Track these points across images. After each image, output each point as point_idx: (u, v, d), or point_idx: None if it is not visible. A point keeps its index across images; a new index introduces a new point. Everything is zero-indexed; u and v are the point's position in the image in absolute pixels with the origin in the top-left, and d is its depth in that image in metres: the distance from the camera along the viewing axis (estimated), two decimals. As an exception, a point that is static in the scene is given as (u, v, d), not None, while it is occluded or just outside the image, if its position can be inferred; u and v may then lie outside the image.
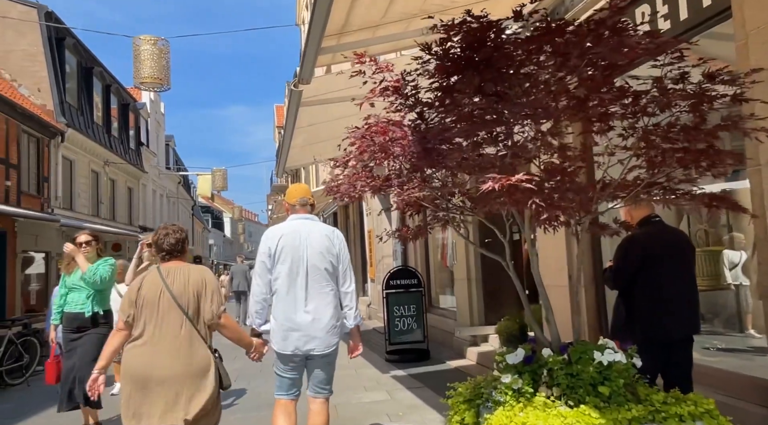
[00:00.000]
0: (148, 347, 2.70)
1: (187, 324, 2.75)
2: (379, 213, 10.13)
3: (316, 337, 3.05)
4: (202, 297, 2.80)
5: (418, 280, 7.78)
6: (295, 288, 3.08)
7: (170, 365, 2.66)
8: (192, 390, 2.69)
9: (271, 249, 3.12)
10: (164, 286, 2.76)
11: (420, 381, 5.98)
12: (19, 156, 13.22)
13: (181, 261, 2.95)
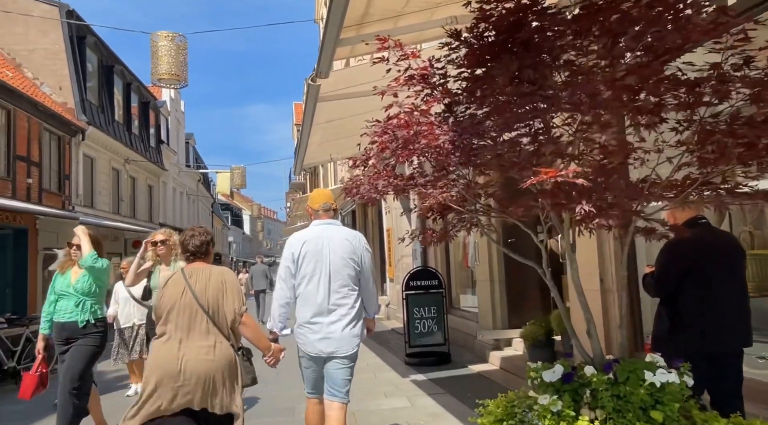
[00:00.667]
0: (171, 344, 2.80)
1: (209, 323, 2.83)
2: (401, 214, 9.91)
3: (334, 339, 3.12)
4: (224, 298, 2.88)
5: (439, 281, 7.55)
6: (318, 292, 3.14)
7: (192, 362, 2.74)
8: (212, 387, 2.76)
9: (294, 255, 3.18)
10: (187, 286, 2.86)
11: (441, 387, 5.76)
12: (40, 154, 13.33)
13: (204, 262, 3.06)
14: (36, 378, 4.16)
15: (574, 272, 2.60)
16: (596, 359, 2.33)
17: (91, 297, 4.22)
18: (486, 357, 6.95)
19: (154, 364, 2.79)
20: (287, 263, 3.21)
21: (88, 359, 4.18)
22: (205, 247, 3.06)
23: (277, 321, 3.23)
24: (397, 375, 6.58)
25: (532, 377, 2.30)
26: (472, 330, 7.90)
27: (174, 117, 27.55)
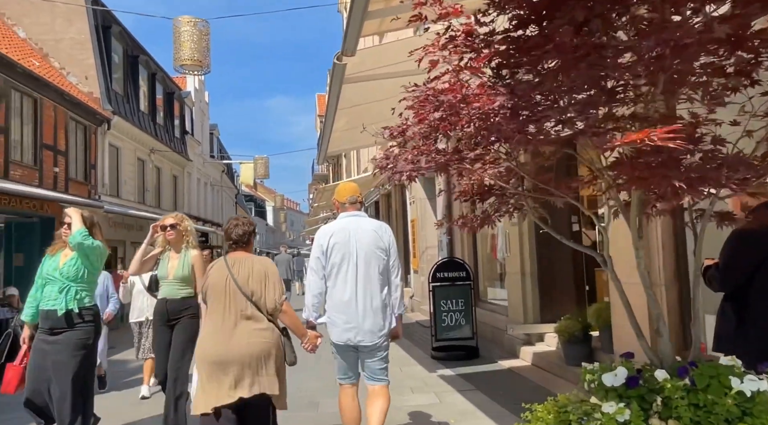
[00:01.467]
0: (217, 330, 2.96)
1: (252, 309, 2.98)
2: (439, 192, 9.54)
3: (366, 330, 3.20)
4: (265, 287, 3.03)
5: (467, 273, 7.27)
6: (347, 282, 3.22)
7: (237, 347, 2.89)
8: (260, 370, 2.92)
9: (323, 247, 3.27)
10: (230, 275, 2.99)
11: (471, 383, 5.49)
12: (67, 143, 13.40)
13: (246, 251, 3.19)
14: (20, 370, 3.75)
15: (641, 262, 2.28)
16: (667, 361, 2.03)
17: (78, 282, 3.66)
18: (516, 353, 6.65)
19: (203, 351, 2.97)
20: (317, 255, 3.30)
21: (77, 357, 3.57)
22: (246, 237, 3.19)
23: (311, 310, 3.32)
24: (424, 369, 6.34)
25: (587, 379, 2.02)
26: (501, 324, 7.60)
27: (198, 107, 27.65)
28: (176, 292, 4.23)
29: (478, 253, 9.28)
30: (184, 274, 4.20)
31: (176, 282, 4.22)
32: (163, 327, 4.27)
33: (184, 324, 4.21)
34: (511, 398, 4.86)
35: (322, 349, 3.38)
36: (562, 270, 6.77)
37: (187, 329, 4.18)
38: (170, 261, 4.25)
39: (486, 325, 7.75)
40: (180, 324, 4.21)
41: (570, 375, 5.28)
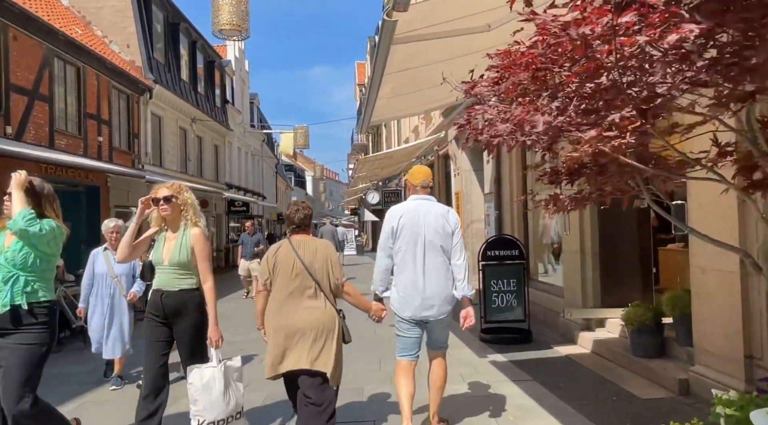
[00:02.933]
0: (284, 307, 3.24)
1: (315, 288, 3.25)
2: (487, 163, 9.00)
3: (432, 306, 3.43)
4: (327, 267, 3.30)
5: (520, 251, 6.79)
6: (415, 262, 3.44)
7: (302, 322, 3.20)
8: (320, 343, 3.20)
9: (393, 227, 3.50)
10: (296, 256, 3.27)
11: (526, 372, 5.09)
12: (110, 112, 13.41)
13: (306, 234, 3.44)
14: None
15: None
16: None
17: (27, 272, 2.99)
18: (573, 338, 6.19)
19: (274, 325, 3.26)
20: (387, 235, 3.53)
21: (26, 366, 2.90)
22: (307, 220, 3.46)
23: (378, 284, 3.61)
24: (473, 353, 5.97)
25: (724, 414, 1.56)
26: (555, 306, 7.13)
27: (239, 76, 27.51)
28: (173, 282, 3.41)
29: (530, 229, 8.75)
30: (182, 259, 3.36)
31: (173, 269, 3.39)
32: (156, 326, 3.42)
33: (186, 327, 3.41)
34: (574, 391, 4.44)
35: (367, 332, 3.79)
36: (627, 250, 6.20)
37: (189, 334, 3.42)
38: (166, 242, 3.43)
39: (537, 306, 7.29)
40: (180, 326, 3.41)
41: (638, 368, 4.81)
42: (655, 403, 4.11)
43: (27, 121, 10.19)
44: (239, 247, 11.50)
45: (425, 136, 16.04)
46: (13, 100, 9.80)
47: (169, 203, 3.40)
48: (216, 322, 3.43)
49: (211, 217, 21.35)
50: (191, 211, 3.49)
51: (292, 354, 3.19)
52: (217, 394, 3.32)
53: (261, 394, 4.66)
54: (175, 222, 3.46)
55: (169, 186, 3.50)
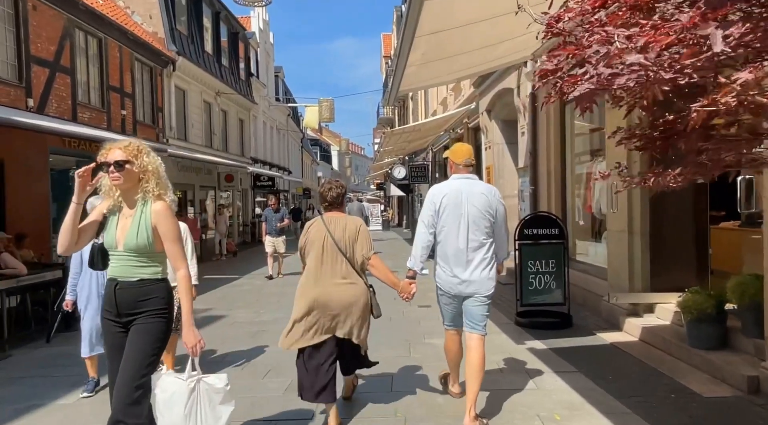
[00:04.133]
0: (315, 280, 3.36)
1: (347, 264, 3.37)
2: (521, 135, 8.41)
3: (474, 282, 3.48)
4: (357, 242, 3.42)
5: (560, 230, 6.30)
6: (458, 239, 3.49)
7: (333, 295, 3.32)
8: (350, 315, 3.35)
9: (435, 205, 3.53)
10: (327, 232, 3.40)
11: (569, 362, 4.68)
12: (133, 85, 13.19)
13: (339, 211, 3.56)
14: None
15: None
16: None
17: None
18: (618, 324, 5.73)
19: (303, 298, 3.38)
20: (429, 212, 3.56)
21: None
22: (340, 199, 3.57)
23: (417, 260, 3.59)
24: (509, 339, 5.58)
25: None
26: (597, 289, 6.65)
27: (263, 49, 27.04)
28: (130, 271, 2.58)
29: (568, 206, 8.21)
30: (140, 243, 2.54)
31: (130, 255, 2.57)
32: (113, 329, 2.63)
33: (141, 329, 2.56)
34: (625, 386, 4.03)
35: (395, 313, 3.72)
36: (680, 229, 5.67)
37: (143, 340, 2.55)
38: (120, 221, 2.60)
39: (576, 288, 6.82)
40: (137, 324, 2.57)
41: (697, 361, 4.35)
42: (720, 403, 3.67)
43: (49, 93, 10.01)
44: (263, 223, 11.20)
45: (454, 109, 15.42)
46: (34, 71, 9.61)
47: (121, 170, 2.50)
48: (191, 322, 2.61)
49: (237, 192, 21.24)
50: (153, 180, 2.61)
51: (328, 327, 3.35)
52: (177, 417, 2.58)
53: (283, 381, 4.38)
54: (132, 195, 2.60)
55: (123, 146, 2.58)
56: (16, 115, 8.38)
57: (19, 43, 9.32)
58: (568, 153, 8.19)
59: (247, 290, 9.60)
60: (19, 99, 9.24)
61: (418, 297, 7.30)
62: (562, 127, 8.21)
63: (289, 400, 3.96)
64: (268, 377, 4.53)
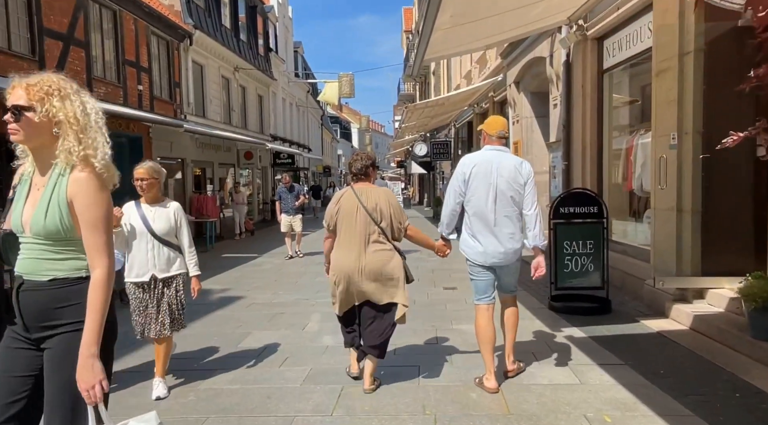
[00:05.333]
0: (348, 249, 3.48)
1: (378, 231, 3.49)
2: (554, 107, 7.82)
3: (502, 252, 3.53)
4: (389, 212, 3.53)
5: (600, 208, 5.81)
6: (486, 209, 3.52)
7: (366, 263, 3.44)
8: (385, 282, 3.48)
9: (465, 174, 3.55)
10: (359, 202, 3.51)
11: (613, 353, 4.26)
12: (149, 59, 12.87)
13: (368, 182, 3.68)
14: None
15: None
16: None
17: None
18: (663, 310, 5.27)
19: (339, 267, 3.52)
20: (458, 181, 3.59)
21: None
22: (365, 170, 3.67)
23: (445, 226, 3.73)
24: (544, 326, 5.17)
25: None
26: (638, 272, 6.18)
27: (282, 23, 26.47)
28: (38, 266, 1.82)
29: (604, 182, 7.68)
30: (49, 225, 1.78)
31: (37, 242, 1.82)
32: (13, 344, 1.85)
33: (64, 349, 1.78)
34: (681, 383, 3.60)
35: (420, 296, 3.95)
36: (736, 208, 5.15)
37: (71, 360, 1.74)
38: (31, 194, 1.86)
39: (614, 271, 6.34)
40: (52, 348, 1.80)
41: (760, 353, 3.89)
42: (794, 404, 3.22)
43: (63, 67, 9.72)
44: (278, 202, 10.82)
45: (479, 82, 14.77)
46: (47, 44, 9.33)
47: (19, 119, 1.76)
48: (93, 353, 1.73)
49: (257, 169, 21.00)
50: (73, 136, 1.80)
51: (363, 292, 3.50)
52: None
53: (302, 371, 4.06)
54: (48, 157, 1.83)
55: (26, 84, 1.80)
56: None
57: (31, 15, 9.03)
58: (605, 126, 7.62)
59: (266, 269, 9.34)
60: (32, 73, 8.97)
61: (443, 279, 7.09)
62: (599, 98, 7.63)
63: (307, 391, 3.65)
64: (285, 365, 4.22)
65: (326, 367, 4.13)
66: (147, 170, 3.65)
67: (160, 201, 3.74)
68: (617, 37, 6.99)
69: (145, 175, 3.63)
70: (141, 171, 3.63)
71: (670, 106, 5.26)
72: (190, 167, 14.88)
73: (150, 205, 3.70)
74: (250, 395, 3.61)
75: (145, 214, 3.66)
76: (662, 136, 5.40)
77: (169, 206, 3.75)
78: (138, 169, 3.64)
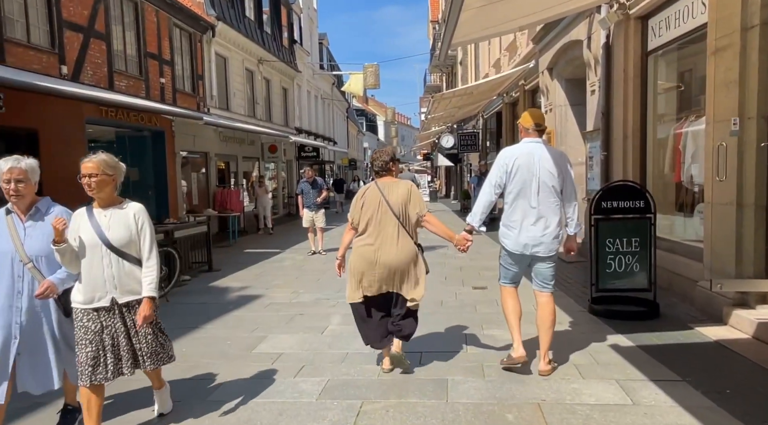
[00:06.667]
0: (371, 241, 3.66)
1: (398, 224, 3.65)
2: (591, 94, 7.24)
3: (542, 242, 3.64)
4: (409, 204, 3.69)
5: (647, 202, 5.28)
6: (527, 201, 3.64)
7: (387, 254, 3.61)
8: (404, 273, 3.65)
9: (507, 166, 3.67)
10: (382, 196, 3.69)
11: (667, 365, 3.77)
12: (171, 52, 12.69)
13: (390, 177, 3.84)
14: None
15: None
16: None
17: None
18: (721, 316, 4.73)
19: (359, 258, 3.66)
20: (499, 173, 3.66)
21: None
22: (386, 165, 3.79)
23: (477, 217, 3.74)
24: (585, 332, 4.69)
25: None
26: (688, 272, 5.63)
27: (306, 15, 26.18)
28: None
29: (648, 174, 7.09)
30: None
31: None
32: None
33: None
34: (754, 406, 3.11)
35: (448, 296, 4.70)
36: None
37: None
38: None
39: (661, 270, 5.79)
40: None
41: None
42: None
43: (83, 60, 9.59)
44: (299, 197, 10.46)
45: (509, 70, 14.15)
46: (67, 37, 9.18)
47: None
48: None
49: (282, 163, 20.80)
50: None
51: (383, 283, 3.63)
52: None
53: (319, 383, 3.70)
54: None
55: None
56: (48, 81, 8.01)
57: (50, 7, 8.87)
58: (649, 112, 7.02)
59: (287, 266, 9.04)
60: (52, 65, 8.84)
61: (472, 277, 6.78)
62: (642, 83, 7.03)
63: (323, 408, 3.28)
64: (301, 375, 3.88)
65: (345, 378, 3.77)
66: (97, 164, 2.79)
67: (117, 203, 2.91)
68: (664, 14, 6.39)
69: (93, 169, 2.78)
70: (89, 165, 2.78)
71: (729, 87, 4.69)
72: (213, 161, 14.73)
73: (104, 209, 2.86)
74: (260, 411, 3.27)
75: (99, 221, 2.83)
76: (720, 122, 4.84)
77: (127, 208, 2.91)
78: (85, 162, 2.80)
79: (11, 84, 6.91)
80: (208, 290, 7.18)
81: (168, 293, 6.64)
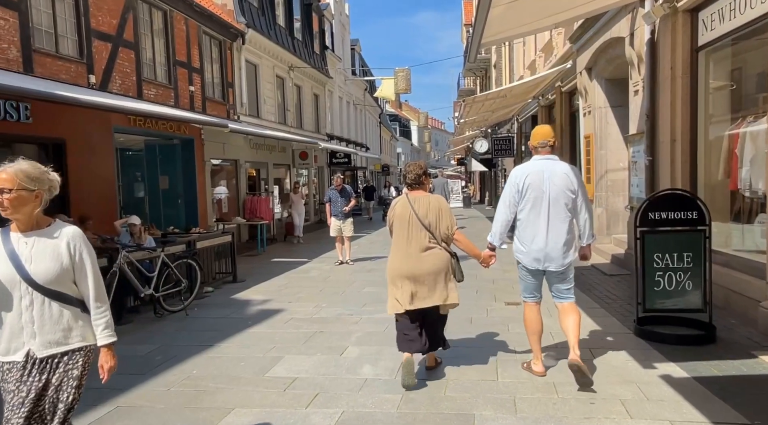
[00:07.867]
0: (402, 253, 3.82)
1: (429, 236, 3.79)
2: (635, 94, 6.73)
3: (554, 258, 3.74)
4: (440, 219, 3.82)
5: (700, 213, 4.75)
6: (539, 217, 3.74)
7: (419, 266, 3.75)
8: (436, 283, 3.78)
9: (519, 185, 3.78)
10: (411, 210, 3.83)
11: (730, 404, 3.26)
12: (201, 60, 12.69)
13: (422, 191, 3.97)
14: None
15: None
16: None
17: None
18: (789, 343, 4.17)
19: (392, 270, 3.87)
20: (512, 192, 3.83)
21: None
22: (418, 179, 3.94)
23: (497, 236, 3.92)
24: (631, 359, 4.19)
25: None
26: (747, 290, 5.06)
27: (338, 21, 26.13)
28: None
29: (699, 181, 6.50)
30: None
31: None
32: None
33: None
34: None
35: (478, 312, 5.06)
36: None
37: None
38: None
39: (716, 287, 5.23)
40: None
41: None
42: None
43: (112, 69, 9.62)
44: (327, 205, 10.17)
45: (545, 71, 13.59)
46: (95, 46, 9.21)
47: None
48: None
49: (313, 169, 20.69)
50: None
51: (419, 294, 3.76)
52: None
53: (332, 415, 3.37)
54: None
55: None
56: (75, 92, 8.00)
57: (79, 17, 8.92)
58: (700, 113, 6.44)
59: (312, 277, 8.77)
60: (80, 75, 8.87)
61: (505, 292, 6.62)
62: (692, 81, 6.46)
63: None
64: (313, 405, 3.55)
65: (361, 411, 3.42)
66: (12, 175, 2.13)
67: (42, 226, 2.25)
68: (717, 5, 5.82)
69: (7, 183, 2.12)
70: (2, 176, 2.12)
71: (797, 84, 4.14)
72: (243, 168, 14.68)
73: (24, 233, 2.22)
74: (264, 449, 2.96)
75: (18, 250, 2.19)
76: None
77: (58, 234, 2.24)
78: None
79: (36, 95, 6.89)
80: (229, 303, 6.95)
81: (188, 306, 6.45)
